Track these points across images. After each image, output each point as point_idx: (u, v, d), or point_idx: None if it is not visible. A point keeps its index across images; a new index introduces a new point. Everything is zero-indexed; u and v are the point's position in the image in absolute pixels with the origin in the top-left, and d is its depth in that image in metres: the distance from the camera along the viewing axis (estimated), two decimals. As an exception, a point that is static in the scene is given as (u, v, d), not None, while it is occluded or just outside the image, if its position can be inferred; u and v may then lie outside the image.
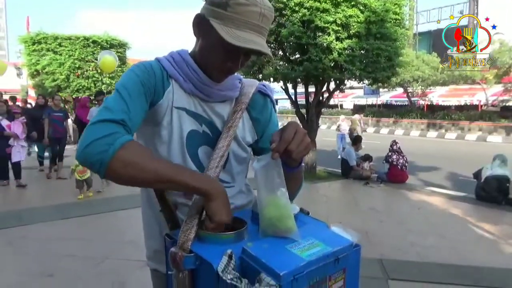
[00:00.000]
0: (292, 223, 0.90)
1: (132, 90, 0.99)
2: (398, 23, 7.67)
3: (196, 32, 1.07)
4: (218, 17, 0.97)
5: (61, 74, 13.82)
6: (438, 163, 10.60)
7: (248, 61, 1.09)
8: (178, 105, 1.08)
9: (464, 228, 5.07)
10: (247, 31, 0.97)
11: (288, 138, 0.90)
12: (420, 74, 22.56)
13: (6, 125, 6.85)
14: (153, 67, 1.06)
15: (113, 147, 0.86)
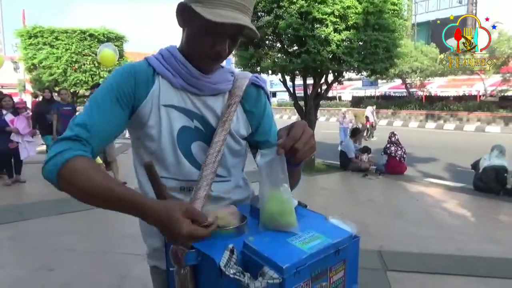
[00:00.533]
0: (294, 218, 0.91)
1: (101, 98, 1.02)
2: (397, 13, 7.63)
3: (180, 22, 1.07)
4: (199, 1, 0.97)
5: (58, 68, 13.76)
6: (437, 154, 10.63)
7: (235, 44, 1.07)
8: (166, 103, 1.07)
9: (463, 218, 5.10)
10: (228, 9, 0.96)
11: (296, 136, 0.90)
12: (418, 65, 22.50)
13: (10, 120, 6.69)
14: (135, 69, 1.06)
15: (60, 160, 0.91)
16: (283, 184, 0.91)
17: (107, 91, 1.03)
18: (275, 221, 0.91)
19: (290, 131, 0.91)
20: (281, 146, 0.89)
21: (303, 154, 0.92)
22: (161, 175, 1.07)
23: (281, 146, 0.89)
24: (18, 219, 4.94)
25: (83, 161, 0.92)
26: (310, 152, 0.94)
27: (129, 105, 1.04)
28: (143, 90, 1.05)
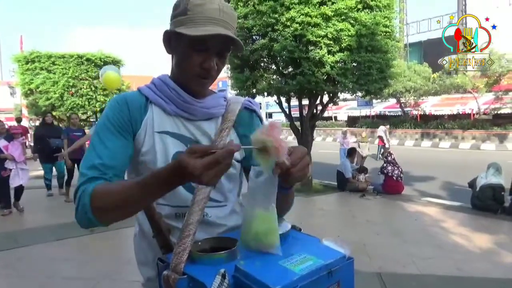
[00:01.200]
0: (277, 239, 0.91)
1: (103, 135, 1.04)
2: (389, 35, 7.78)
3: (167, 49, 1.11)
4: (182, 23, 1.02)
5: (55, 92, 13.82)
6: (433, 172, 10.64)
7: (224, 62, 1.09)
8: (159, 130, 1.09)
9: (461, 238, 5.06)
10: (209, 25, 1.00)
11: (295, 161, 0.90)
12: (412, 84, 22.79)
13: (3, 146, 6.31)
14: (127, 100, 1.09)
15: (87, 199, 0.92)
16: (271, 204, 0.92)
17: (107, 127, 1.05)
18: (259, 241, 0.91)
19: (291, 154, 0.92)
20: (279, 166, 0.89)
21: (295, 179, 0.93)
22: (157, 202, 1.07)
23: (280, 166, 0.89)
24: (14, 246, 4.83)
25: (100, 186, 0.95)
26: (302, 179, 0.95)
27: (130, 133, 1.07)
28: (138, 119, 1.08)
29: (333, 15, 7.02)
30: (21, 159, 6.43)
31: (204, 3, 1.01)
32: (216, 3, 1.02)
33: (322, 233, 1.03)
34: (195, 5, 1.00)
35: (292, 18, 6.98)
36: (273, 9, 7.12)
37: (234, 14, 1.06)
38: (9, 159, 6.27)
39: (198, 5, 1.00)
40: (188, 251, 0.89)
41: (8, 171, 6.27)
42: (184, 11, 1.01)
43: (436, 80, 23.63)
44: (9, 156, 6.27)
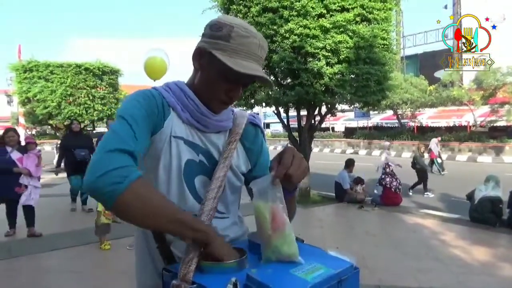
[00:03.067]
0: (296, 249, 0.92)
1: (138, 117, 0.98)
2: (386, 48, 7.85)
3: (196, 64, 1.10)
4: (221, 49, 1.02)
5: (53, 101, 13.81)
6: (431, 184, 10.60)
7: (246, 88, 1.15)
8: (176, 134, 1.08)
9: (460, 251, 5.04)
10: (249, 61, 1.02)
11: (287, 163, 0.93)
12: (408, 96, 22.97)
13: (18, 159, 5.52)
14: (154, 95, 1.06)
15: (128, 179, 0.84)
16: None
17: (140, 110, 1.00)
18: (279, 253, 0.92)
19: (281, 159, 0.94)
20: (275, 176, 0.92)
21: (297, 178, 0.95)
22: None
23: (276, 176, 0.92)
24: (7, 256, 4.76)
25: (147, 183, 0.91)
26: (303, 175, 0.97)
27: (152, 127, 1.03)
28: (162, 117, 1.06)
29: (332, 28, 7.09)
30: (37, 174, 5.69)
31: (249, 36, 1.03)
32: (258, 38, 1.05)
33: (321, 245, 1.04)
34: (240, 36, 1.02)
35: (291, 30, 7.03)
36: (272, 21, 7.19)
37: (267, 48, 1.10)
38: (24, 173, 5.50)
39: (243, 37, 1.02)
40: (197, 260, 0.89)
41: (23, 187, 5.49)
42: (227, 37, 1.02)
43: (432, 93, 23.83)
44: (25, 170, 5.50)
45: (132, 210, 0.86)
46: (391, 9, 7.91)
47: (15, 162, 5.46)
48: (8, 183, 5.38)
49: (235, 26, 1.02)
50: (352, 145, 27.00)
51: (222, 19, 1.05)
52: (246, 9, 7.58)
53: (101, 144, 0.90)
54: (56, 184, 8.02)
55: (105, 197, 0.85)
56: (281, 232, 0.91)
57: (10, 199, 5.50)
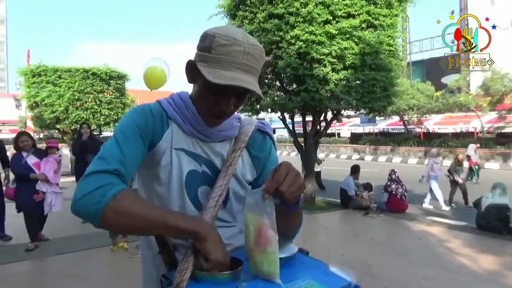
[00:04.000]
0: (276, 268, 0.89)
1: (128, 134, 1.02)
2: (392, 54, 7.84)
3: (189, 78, 1.10)
4: (204, 61, 1.00)
5: (60, 106, 13.90)
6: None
7: (242, 102, 1.08)
8: (177, 146, 1.09)
9: (467, 259, 4.99)
10: (232, 70, 0.97)
11: (279, 178, 0.89)
12: (415, 102, 22.88)
13: (34, 163, 5.15)
14: (152, 109, 1.08)
15: (106, 198, 0.88)
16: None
17: (132, 127, 1.03)
18: (258, 269, 0.90)
19: (274, 174, 0.91)
20: (265, 191, 0.89)
21: (290, 195, 0.91)
22: None
23: (265, 190, 0.89)
24: (12, 260, 4.79)
25: (129, 195, 0.92)
26: (298, 192, 0.93)
27: (148, 142, 1.06)
28: (159, 131, 1.07)
29: (337, 34, 7.10)
30: (56, 180, 5.34)
31: (229, 44, 0.97)
32: (242, 45, 0.97)
33: (325, 252, 1.04)
34: (220, 45, 0.97)
35: (297, 36, 7.05)
36: (278, 27, 7.21)
37: (260, 55, 1.02)
38: (41, 179, 5.13)
39: (224, 45, 0.97)
40: (191, 269, 0.89)
41: (41, 194, 5.14)
42: (208, 48, 0.99)
43: (439, 99, 23.72)
44: (41, 176, 5.12)
45: (117, 224, 0.92)
46: (397, 15, 7.91)
47: (31, 167, 5.14)
48: (26, 191, 5.09)
49: (216, 35, 0.98)
50: (358, 150, 26.90)
51: (209, 30, 1.02)
52: (252, 15, 7.62)
53: (87, 169, 0.95)
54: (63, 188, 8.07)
55: (89, 218, 0.90)
56: (263, 248, 0.88)
57: (30, 207, 5.12)
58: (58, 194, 5.44)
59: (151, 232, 0.97)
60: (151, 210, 0.94)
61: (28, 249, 5.09)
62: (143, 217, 0.91)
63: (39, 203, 5.15)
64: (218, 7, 8.22)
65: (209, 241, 0.90)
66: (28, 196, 5.06)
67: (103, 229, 0.93)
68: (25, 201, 5.09)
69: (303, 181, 0.95)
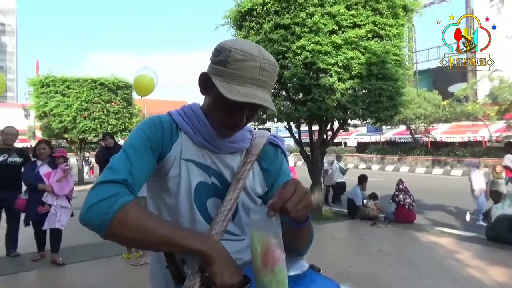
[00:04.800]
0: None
1: (137, 146, 1.02)
2: (399, 63, 7.83)
3: (201, 90, 1.10)
4: (219, 74, 1.00)
5: (68, 115, 14.06)
6: (446, 201, 10.45)
7: (255, 115, 1.09)
8: (186, 157, 1.09)
9: (478, 271, 4.90)
10: (247, 85, 0.98)
11: (286, 196, 0.87)
12: (422, 111, 22.77)
13: (46, 173, 4.94)
14: (161, 121, 1.09)
15: (113, 209, 0.87)
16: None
17: (142, 139, 1.04)
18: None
19: (281, 191, 0.89)
20: (270, 208, 0.87)
21: (296, 213, 0.89)
22: None
23: (271, 207, 0.87)
24: (20, 270, 4.79)
25: (137, 208, 0.91)
26: (304, 210, 0.91)
27: (157, 154, 1.06)
28: (169, 143, 1.08)
29: (344, 44, 7.12)
30: (62, 192, 4.97)
31: (245, 60, 0.97)
32: (258, 60, 0.98)
33: (333, 263, 1.01)
34: (236, 60, 0.97)
35: (303, 46, 7.08)
36: (284, 37, 7.25)
37: (275, 70, 1.04)
38: (48, 191, 4.88)
39: (240, 61, 0.97)
40: (198, 285, 0.88)
41: (46, 206, 4.86)
42: (224, 63, 0.99)
43: (446, 108, 23.60)
44: (48, 187, 4.87)
45: (123, 236, 0.90)
46: (403, 25, 7.92)
47: (42, 178, 4.91)
48: (34, 202, 4.86)
49: (232, 50, 0.98)
50: (364, 160, 26.77)
51: (224, 43, 1.02)
52: (259, 26, 7.68)
53: (97, 178, 0.97)
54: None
55: (96, 229, 0.89)
56: (270, 268, 0.86)
57: (35, 219, 4.91)
58: (65, 209, 5.02)
59: (156, 248, 0.96)
60: (158, 225, 0.91)
61: (34, 259, 5.05)
62: (149, 232, 0.89)
63: (43, 216, 4.84)
64: (224, 18, 8.29)
65: (216, 264, 0.87)
66: (36, 208, 4.86)
67: (109, 240, 0.91)
68: (32, 212, 4.90)
69: (311, 200, 0.94)
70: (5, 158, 5.15)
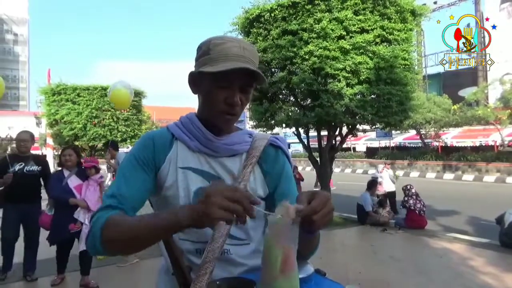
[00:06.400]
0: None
1: (127, 169, 1.10)
2: (408, 68, 7.79)
3: (193, 89, 1.15)
4: (204, 63, 1.06)
5: (79, 123, 14.21)
6: (457, 206, 10.29)
7: (248, 96, 1.10)
8: (183, 165, 1.10)
9: (492, 278, 4.80)
10: (231, 61, 1.02)
11: (317, 208, 0.86)
12: (432, 116, 22.56)
13: (76, 186, 4.26)
14: (154, 137, 1.14)
15: (97, 234, 0.96)
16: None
17: (131, 161, 1.11)
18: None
19: (313, 200, 0.88)
20: (299, 214, 0.85)
21: (318, 227, 0.88)
22: (179, 237, 1.08)
23: (300, 214, 0.85)
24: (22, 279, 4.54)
25: (114, 217, 0.98)
26: (324, 225, 0.90)
27: (152, 169, 1.11)
28: (162, 155, 1.11)
29: (352, 49, 7.11)
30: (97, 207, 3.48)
31: (225, 42, 1.05)
32: (236, 41, 1.06)
33: (343, 270, 1.00)
34: (216, 44, 1.05)
35: (311, 52, 7.08)
36: (291, 43, 7.27)
37: (255, 51, 1.10)
38: (82, 207, 4.15)
39: (219, 44, 1.04)
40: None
41: (79, 224, 4.14)
42: (207, 51, 1.06)
43: (456, 112, 23.35)
44: (82, 203, 4.15)
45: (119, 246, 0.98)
46: (412, 29, 7.88)
47: (72, 191, 4.24)
48: (63, 219, 4.16)
49: (211, 40, 1.07)
50: (374, 165, 26.55)
51: (203, 41, 1.10)
52: (266, 32, 7.71)
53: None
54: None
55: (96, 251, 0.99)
56: (288, 275, 0.85)
57: (66, 239, 4.23)
58: None
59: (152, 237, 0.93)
60: (140, 218, 0.95)
61: (53, 283, 4.36)
62: (135, 228, 0.93)
63: (73, 235, 4.20)
64: (232, 25, 8.34)
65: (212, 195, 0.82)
66: (64, 225, 4.13)
67: (113, 255, 0.98)
68: (59, 231, 4.16)
69: (332, 217, 0.93)
70: (21, 167, 4.52)
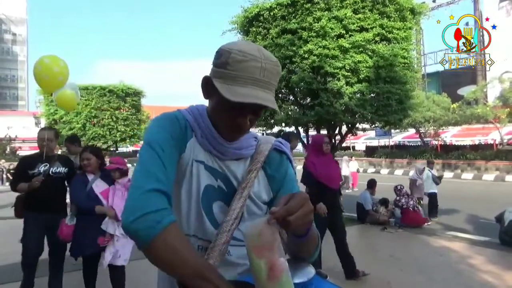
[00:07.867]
0: None
1: (164, 144, 0.99)
2: (407, 66, 7.79)
3: (204, 94, 1.09)
4: (220, 77, 0.99)
5: (78, 123, 14.23)
6: (457, 205, 10.30)
7: (258, 117, 1.07)
8: (197, 158, 1.08)
9: (492, 277, 4.80)
10: (248, 86, 0.96)
11: (292, 209, 0.85)
12: (431, 114, 22.58)
13: (102, 191, 3.56)
14: (178, 118, 1.07)
15: (161, 225, 0.87)
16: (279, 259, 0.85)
17: (166, 138, 1.01)
18: None
19: (289, 202, 0.87)
20: (273, 216, 0.84)
21: (295, 229, 0.87)
22: (184, 232, 1.06)
23: (274, 215, 0.84)
24: (20, 278, 4.15)
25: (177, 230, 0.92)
26: (303, 228, 0.89)
27: (179, 151, 1.04)
28: (184, 140, 1.06)
29: (351, 47, 7.11)
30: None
31: (246, 60, 0.96)
32: (259, 60, 0.97)
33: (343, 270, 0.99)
34: (236, 61, 0.96)
35: (310, 51, 7.08)
36: (291, 42, 7.26)
37: (277, 70, 1.02)
38: (110, 216, 3.42)
39: (240, 61, 0.96)
40: None
41: (108, 237, 3.43)
42: (225, 64, 0.98)
43: (456, 110, 23.38)
44: (111, 211, 3.43)
45: (161, 257, 0.89)
46: (411, 28, 7.88)
47: (98, 197, 3.52)
48: (88, 230, 3.42)
49: (232, 52, 0.97)
50: (373, 164, 26.59)
51: (224, 45, 1.02)
52: (265, 31, 7.71)
53: (135, 181, 0.93)
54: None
55: (139, 240, 0.89)
56: (279, 281, 0.83)
57: (89, 252, 3.48)
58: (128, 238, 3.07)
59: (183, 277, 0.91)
60: (193, 254, 0.91)
61: None
62: (186, 260, 0.89)
63: (99, 249, 3.47)
64: (231, 24, 8.34)
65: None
66: (91, 237, 3.39)
67: (143, 251, 0.90)
68: (86, 244, 3.44)
69: (312, 219, 0.92)
70: (46, 169, 3.72)
